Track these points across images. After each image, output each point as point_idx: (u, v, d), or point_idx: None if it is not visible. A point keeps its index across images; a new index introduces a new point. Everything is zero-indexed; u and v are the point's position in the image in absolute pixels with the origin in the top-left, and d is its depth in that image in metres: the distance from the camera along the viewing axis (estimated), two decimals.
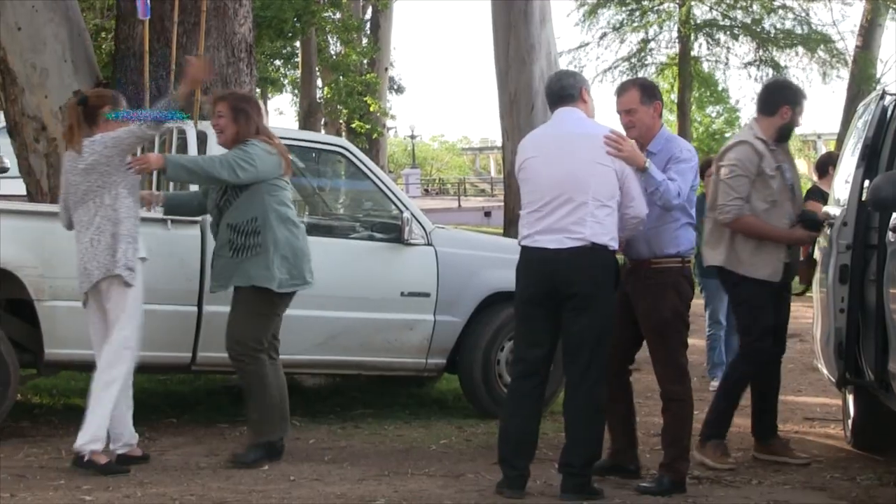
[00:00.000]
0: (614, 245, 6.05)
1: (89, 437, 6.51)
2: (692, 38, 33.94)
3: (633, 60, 34.65)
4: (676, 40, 34.43)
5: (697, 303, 11.54)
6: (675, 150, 6.39)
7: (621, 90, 6.57)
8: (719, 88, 44.35)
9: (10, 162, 11.59)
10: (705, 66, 36.37)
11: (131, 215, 6.59)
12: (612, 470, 6.59)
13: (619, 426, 6.66)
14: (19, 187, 9.90)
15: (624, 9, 34.55)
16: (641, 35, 34.68)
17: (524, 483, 6.14)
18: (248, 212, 6.77)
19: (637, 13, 34.41)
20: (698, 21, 34.23)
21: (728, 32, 34.17)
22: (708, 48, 34.95)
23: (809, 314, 7.86)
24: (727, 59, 35.35)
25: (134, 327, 6.61)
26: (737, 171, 6.90)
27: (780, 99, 7.10)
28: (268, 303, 6.83)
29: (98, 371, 6.59)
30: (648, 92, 6.50)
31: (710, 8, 34.42)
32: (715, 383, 10.27)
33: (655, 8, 34.42)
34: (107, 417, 6.55)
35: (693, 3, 33.53)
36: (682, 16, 33.22)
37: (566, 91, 6.21)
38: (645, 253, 6.38)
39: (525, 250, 6.15)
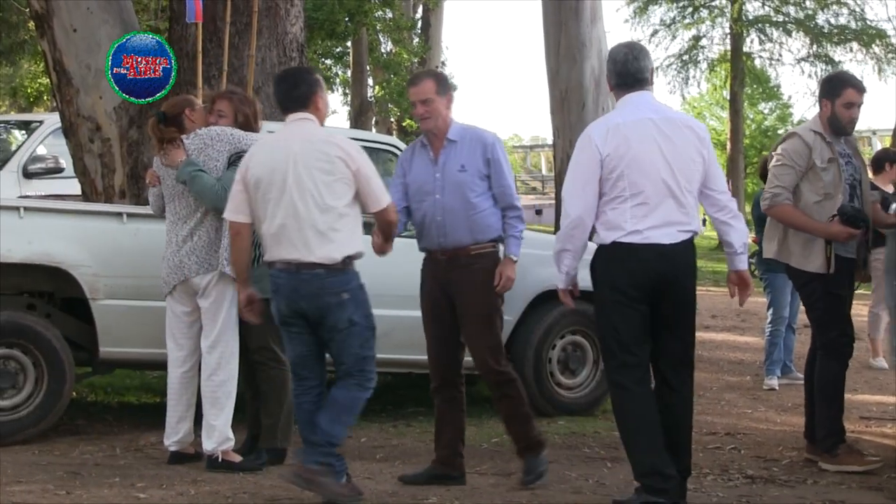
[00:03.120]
0: None
1: (218, 441, 6.60)
2: (744, 34, 33.73)
3: (684, 57, 34.52)
4: (728, 36, 34.23)
5: (756, 301, 11.47)
6: (484, 136, 6.38)
7: (416, 81, 6.43)
8: (772, 85, 44.08)
9: (66, 162, 11.69)
10: (757, 63, 36.11)
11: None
12: (438, 478, 6.38)
13: (452, 435, 6.49)
14: (74, 187, 9.99)
15: (675, 5, 34.40)
16: (693, 32, 34.53)
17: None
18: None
19: (689, 10, 34.25)
20: (750, 17, 34.01)
21: (781, 28, 33.93)
22: (760, 44, 34.72)
23: (863, 312, 7.78)
24: (780, 54, 35.13)
25: (233, 325, 6.68)
26: (782, 161, 6.88)
27: (820, 93, 7.04)
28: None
29: (205, 375, 6.66)
30: (444, 83, 6.41)
31: (763, 4, 34.20)
32: (771, 381, 10.21)
33: (707, 4, 34.24)
34: (229, 417, 6.64)
35: None
36: (734, 12, 33.02)
37: (643, 74, 5.79)
38: (466, 241, 6.32)
39: (631, 247, 5.63)
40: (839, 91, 6.93)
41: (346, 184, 5.73)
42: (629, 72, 5.78)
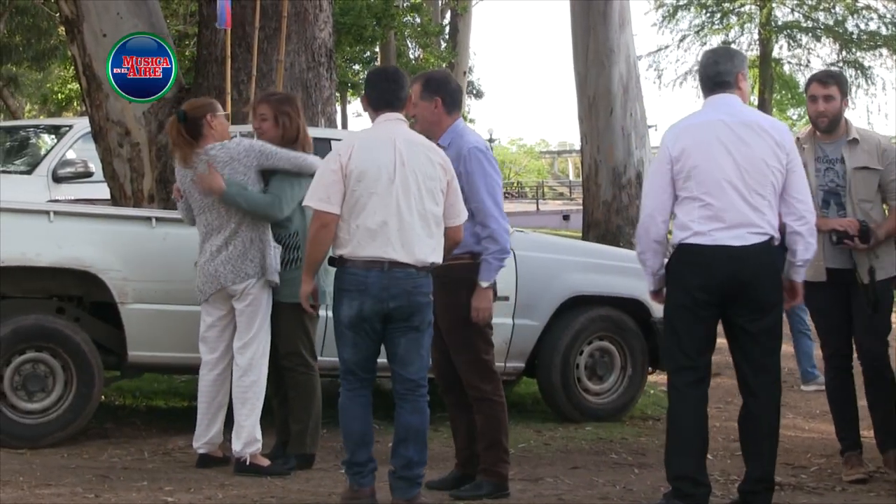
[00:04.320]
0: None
1: (246, 442, 6.60)
2: (773, 39, 33.63)
3: None
4: (757, 42, 34.14)
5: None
6: (462, 145, 6.10)
7: (410, 84, 6.27)
8: (800, 91, 43.88)
9: (95, 166, 11.76)
10: (786, 69, 36.01)
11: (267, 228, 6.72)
12: (462, 481, 6.28)
13: (466, 436, 6.34)
14: (103, 191, 10.04)
15: (704, 11, 34.34)
16: (722, 37, 34.43)
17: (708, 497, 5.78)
18: (291, 226, 6.75)
19: (718, 15, 34.18)
20: (779, 23, 33.92)
21: (810, 34, 33.82)
22: (789, 50, 34.64)
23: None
24: (809, 60, 35.02)
25: (267, 328, 6.69)
26: None
27: None
28: (315, 315, 6.87)
29: (237, 375, 6.67)
30: (431, 86, 6.20)
31: (792, 10, 34.11)
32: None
33: (736, 10, 34.16)
34: (257, 420, 6.64)
35: (774, 4, 33.23)
36: (763, 18, 32.94)
37: (722, 77, 5.79)
38: None
39: (698, 249, 5.60)
40: (806, 88, 6.81)
41: (442, 191, 5.71)
42: (708, 75, 5.85)
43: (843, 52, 33.41)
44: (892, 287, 6.78)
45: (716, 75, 5.82)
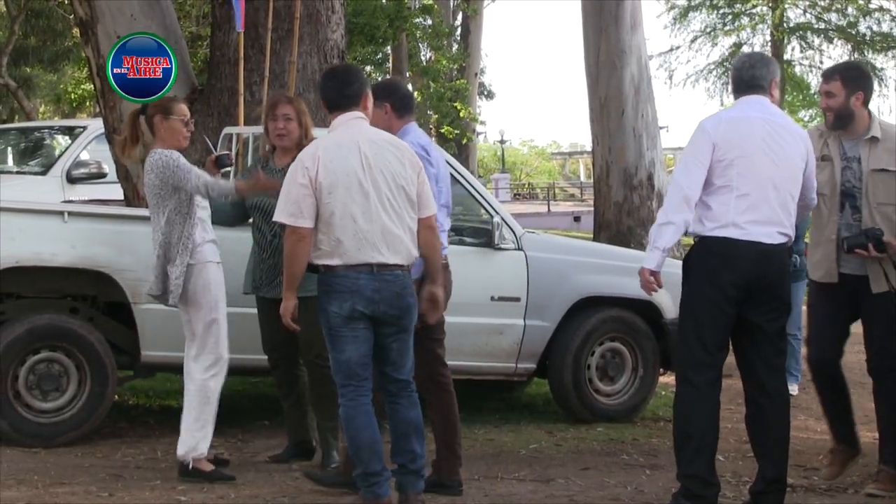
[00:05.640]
0: None
1: (189, 447, 6.50)
2: (785, 41, 33.60)
3: (725, 64, 34.43)
4: (769, 43, 34.11)
5: None
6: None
7: None
8: (812, 92, 43.87)
9: (109, 167, 11.80)
10: (798, 70, 35.96)
11: (184, 236, 6.52)
12: (435, 486, 6.20)
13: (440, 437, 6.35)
14: (117, 192, 10.08)
15: (716, 12, 34.32)
16: (734, 38, 34.46)
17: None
18: None
19: (729, 16, 34.16)
20: (791, 24, 33.89)
21: (822, 35, 33.79)
22: (801, 51, 34.62)
23: None
24: (821, 62, 34.98)
25: (217, 341, 6.57)
26: None
27: None
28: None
29: (190, 384, 6.57)
30: (379, 94, 6.18)
31: (804, 11, 34.08)
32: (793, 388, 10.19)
33: (748, 11, 34.14)
34: (210, 426, 6.54)
35: (786, 6, 33.19)
36: (775, 19, 32.92)
37: (756, 81, 5.89)
38: None
39: (732, 242, 5.66)
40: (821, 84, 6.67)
41: (413, 185, 5.69)
42: (743, 78, 5.93)
43: (856, 54, 33.36)
44: None
45: (750, 79, 5.90)
